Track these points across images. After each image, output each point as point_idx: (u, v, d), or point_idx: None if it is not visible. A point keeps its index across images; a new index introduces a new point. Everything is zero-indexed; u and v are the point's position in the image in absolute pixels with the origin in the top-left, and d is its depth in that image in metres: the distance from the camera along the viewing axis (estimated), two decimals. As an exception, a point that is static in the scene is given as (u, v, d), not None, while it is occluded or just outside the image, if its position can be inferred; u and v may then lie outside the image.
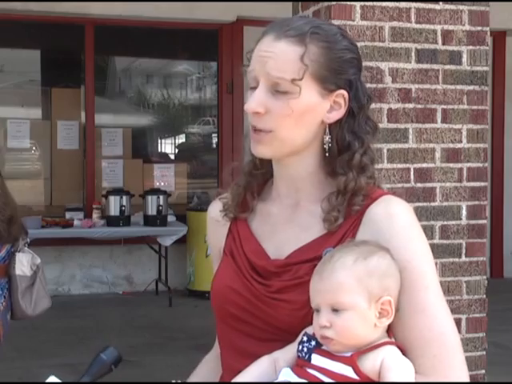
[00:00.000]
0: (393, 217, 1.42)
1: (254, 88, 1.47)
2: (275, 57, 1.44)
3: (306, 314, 1.39)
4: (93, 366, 1.49)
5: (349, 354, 1.34)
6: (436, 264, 3.49)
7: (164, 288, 7.81)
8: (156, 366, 5.51)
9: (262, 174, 1.58)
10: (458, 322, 3.42)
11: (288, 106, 1.43)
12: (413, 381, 1.32)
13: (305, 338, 1.39)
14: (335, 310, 1.34)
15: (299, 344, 1.39)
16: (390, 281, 1.36)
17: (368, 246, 1.39)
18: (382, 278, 1.35)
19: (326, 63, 1.44)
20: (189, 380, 1.68)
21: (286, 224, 1.51)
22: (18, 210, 3.48)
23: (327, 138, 1.47)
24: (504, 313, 6.82)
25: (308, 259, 1.43)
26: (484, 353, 3.48)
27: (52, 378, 1.50)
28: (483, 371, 3.49)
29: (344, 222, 1.44)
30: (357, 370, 1.32)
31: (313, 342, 1.37)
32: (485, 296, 3.47)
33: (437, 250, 3.39)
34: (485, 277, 3.48)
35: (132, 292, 8.12)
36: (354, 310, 1.34)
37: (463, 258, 3.43)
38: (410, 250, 1.41)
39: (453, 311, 3.65)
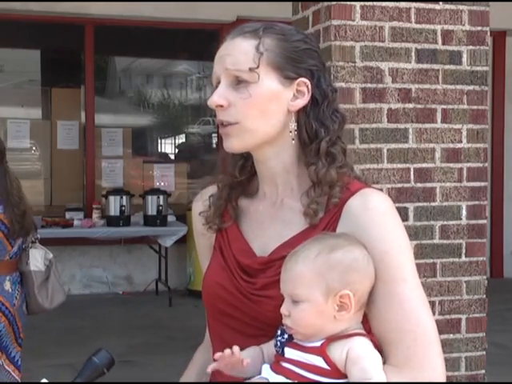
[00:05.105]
0: (370, 209, 1.44)
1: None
2: (232, 52, 1.49)
3: None
4: (85, 369, 1.48)
5: (319, 344, 1.35)
6: (436, 264, 3.51)
7: (164, 288, 7.82)
8: (155, 365, 5.51)
9: (241, 184, 1.61)
10: (457, 322, 3.42)
11: (247, 93, 1.47)
12: (379, 371, 1.32)
13: (278, 332, 1.41)
14: (294, 301, 1.37)
15: (275, 338, 1.41)
16: (354, 275, 1.36)
17: (339, 239, 1.40)
18: (344, 273, 1.36)
19: (282, 52, 1.49)
20: (187, 369, 1.72)
21: (271, 221, 1.54)
22: (30, 205, 3.63)
23: (293, 125, 1.50)
24: (504, 313, 6.83)
25: None
26: (484, 353, 3.48)
27: (44, 380, 1.51)
28: (483, 371, 3.49)
29: (324, 216, 1.47)
30: (327, 360, 1.34)
31: (285, 336, 1.39)
32: (485, 296, 3.47)
33: (437, 250, 3.39)
34: (485, 277, 3.48)
35: (132, 292, 8.12)
36: (310, 302, 1.36)
37: (463, 258, 3.43)
38: (387, 241, 1.42)
39: (453, 311, 3.66)
